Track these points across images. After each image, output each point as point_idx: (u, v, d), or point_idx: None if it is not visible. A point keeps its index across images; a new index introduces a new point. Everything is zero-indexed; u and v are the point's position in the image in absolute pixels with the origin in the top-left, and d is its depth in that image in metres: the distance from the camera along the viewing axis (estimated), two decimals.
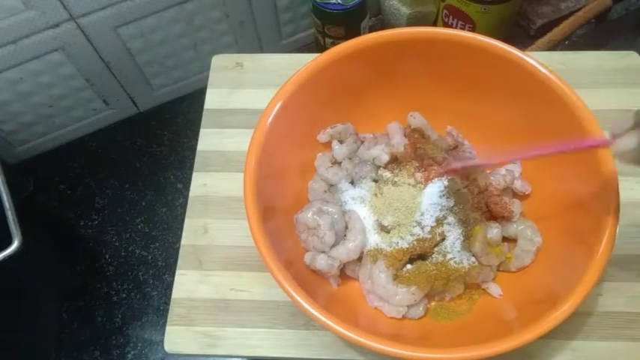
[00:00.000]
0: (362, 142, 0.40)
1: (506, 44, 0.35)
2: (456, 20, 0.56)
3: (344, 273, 0.36)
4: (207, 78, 0.47)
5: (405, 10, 0.59)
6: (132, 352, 0.51)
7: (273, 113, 0.35)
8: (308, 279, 0.34)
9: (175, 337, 0.36)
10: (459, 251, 0.34)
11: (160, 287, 0.54)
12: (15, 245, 0.40)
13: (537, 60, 0.34)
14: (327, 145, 0.40)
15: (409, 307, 0.34)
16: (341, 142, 0.40)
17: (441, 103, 0.39)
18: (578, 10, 0.61)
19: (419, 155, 0.36)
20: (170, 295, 0.38)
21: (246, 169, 0.33)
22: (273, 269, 0.30)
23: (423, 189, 0.35)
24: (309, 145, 0.40)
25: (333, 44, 0.58)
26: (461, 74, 0.37)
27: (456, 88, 0.38)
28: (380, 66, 0.38)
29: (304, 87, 0.36)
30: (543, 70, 0.33)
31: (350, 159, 0.39)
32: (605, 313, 0.35)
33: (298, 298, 0.30)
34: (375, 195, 0.36)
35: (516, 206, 0.36)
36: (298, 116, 0.37)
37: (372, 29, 0.62)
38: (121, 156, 0.61)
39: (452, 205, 0.35)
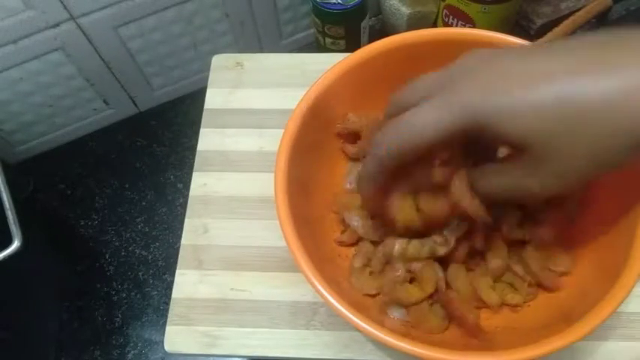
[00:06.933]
0: None
1: None
2: (456, 20, 0.56)
3: None
4: (207, 78, 0.47)
5: (405, 10, 0.59)
6: (132, 352, 0.51)
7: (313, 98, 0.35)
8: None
9: (175, 337, 0.36)
10: None
11: (160, 287, 0.54)
12: (15, 245, 0.40)
13: None
14: None
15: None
16: None
17: None
18: (578, 10, 0.61)
19: None
20: (170, 295, 0.38)
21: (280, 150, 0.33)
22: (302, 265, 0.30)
23: None
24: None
25: (333, 44, 0.58)
26: None
27: None
28: (415, 66, 0.37)
29: (343, 76, 0.36)
30: None
31: None
32: None
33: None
34: None
35: None
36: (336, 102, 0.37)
37: (372, 29, 0.62)
38: (121, 156, 0.61)
39: None
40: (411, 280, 0.35)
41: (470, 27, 0.55)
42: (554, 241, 0.34)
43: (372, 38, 0.41)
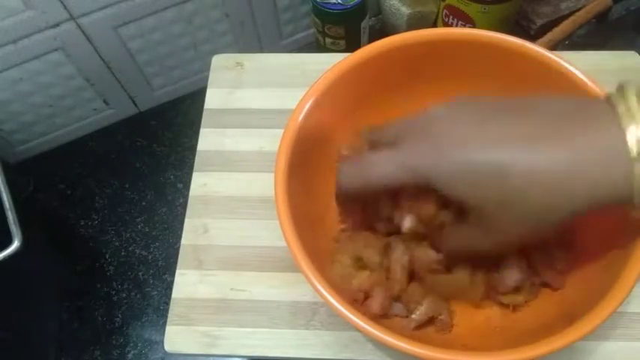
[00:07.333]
0: None
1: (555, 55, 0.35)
2: (456, 20, 0.56)
3: None
4: (207, 78, 0.47)
5: (405, 10, 0.59)
6: (132, 352, 0.51)
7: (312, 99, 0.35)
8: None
9: (175, 337, 0.36)
10: None
11: (160, 287, 0.54)
12: (15, 245, 0.40)
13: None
14: None
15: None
16: None
17: None
18: (578, 10, 0.61)
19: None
20: (170, 295, 0.38)
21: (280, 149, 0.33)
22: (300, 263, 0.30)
23: None
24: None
25: (333, 44, 0.58)
26: (500, 80, 0.37)
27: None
28: (415, 66, 0.38)
29: (342, 78, 0.36)
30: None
31: None
32: None
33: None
34: None
35: None
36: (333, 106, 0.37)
37: (372, 29, 0.62)
38: (121, 156, 0.61)
39: None
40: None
41: (470, 27, 0.55)
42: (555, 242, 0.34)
43: (372, 38, 0.41)
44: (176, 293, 0.38)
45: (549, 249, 0.34)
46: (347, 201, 0.35)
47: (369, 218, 0.35)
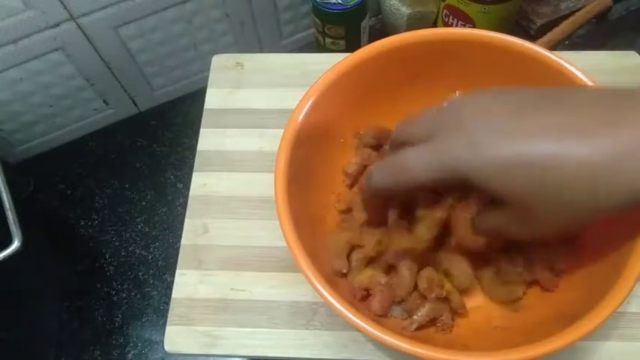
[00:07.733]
0: None
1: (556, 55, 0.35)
2: (456, 20, 0.56)
3: None
4: (207, 78, 0.47)
5: (405, 10, 0.59)
6: (132, 352, 0.51)
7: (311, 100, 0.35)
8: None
9: (175, 336, 0.36)
10: None
11: (160, 287, 0.54)
12: (15, 245, 0.40)
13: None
14: None
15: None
16: None
17: None
18: (578, 10, 0.61)
19: None
20: (170, 295, 0.38)
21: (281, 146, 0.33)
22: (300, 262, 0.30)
23: None
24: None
25: (333, 44, 0.58)
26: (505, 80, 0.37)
27: None
28: (415, 66, 0.38)
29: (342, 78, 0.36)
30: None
31: None
32: None
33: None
34: None
35: None
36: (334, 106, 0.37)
37: (372, 29, 0.62)
38: (121, 156, 0.61)
39: None
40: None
41: (470, 27, 0.55)
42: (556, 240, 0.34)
43: (372, 38, 0.41)
44: (176, 293, 0.38)
45: (550, 248, 0.34)
46: (373, 202, 0.34)
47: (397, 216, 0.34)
